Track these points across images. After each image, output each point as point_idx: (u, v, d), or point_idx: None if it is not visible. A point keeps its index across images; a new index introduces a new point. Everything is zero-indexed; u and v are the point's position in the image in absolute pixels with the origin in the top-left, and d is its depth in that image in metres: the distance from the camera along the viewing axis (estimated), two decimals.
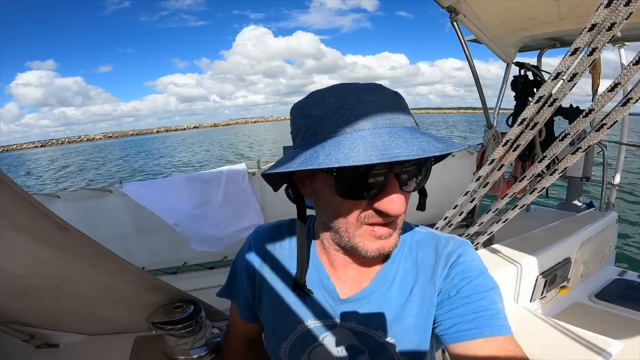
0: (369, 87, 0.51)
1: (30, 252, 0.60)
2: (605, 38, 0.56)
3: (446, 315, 0.57)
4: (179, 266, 2.74)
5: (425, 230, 0.66)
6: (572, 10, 1.71)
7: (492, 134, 2.41)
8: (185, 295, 0.88)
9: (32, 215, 0.51)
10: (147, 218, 2.50)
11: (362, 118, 0.47)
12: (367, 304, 0.60)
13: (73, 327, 1.01)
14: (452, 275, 0.58)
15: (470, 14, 1.85)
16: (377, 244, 0.53)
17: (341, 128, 0.47)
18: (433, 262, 0.60)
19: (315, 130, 0.49)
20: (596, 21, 0.56)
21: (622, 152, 2.63)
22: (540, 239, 1.89)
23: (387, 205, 0.49)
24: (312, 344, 0.63)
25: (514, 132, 0.76)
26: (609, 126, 0.59)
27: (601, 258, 2.26)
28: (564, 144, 0.71)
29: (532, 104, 0.70)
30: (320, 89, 0.53)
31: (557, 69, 0.64)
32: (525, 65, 2.39)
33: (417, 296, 0.59)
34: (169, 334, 0.83)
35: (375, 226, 0.52)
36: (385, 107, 0.48)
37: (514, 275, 1.65)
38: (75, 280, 0.74)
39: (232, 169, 2.64)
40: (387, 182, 0.48)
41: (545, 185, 0.77)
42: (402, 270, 0.61)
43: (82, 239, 0.59)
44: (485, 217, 0.95)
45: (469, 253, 0.60)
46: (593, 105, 0.60)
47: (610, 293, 2.02)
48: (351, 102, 0.48)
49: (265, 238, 0.70)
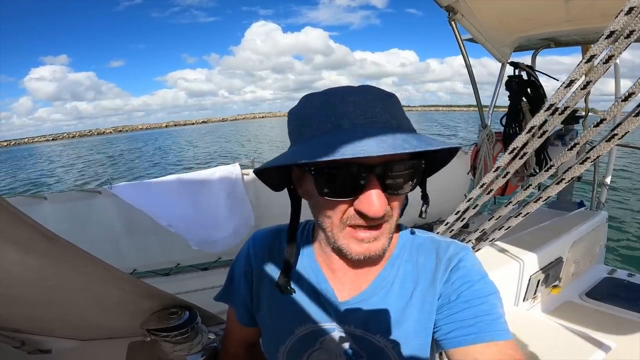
0: (357, 89, 0.51)
1: (18, 262, 0.58)
2: (623, 45, 0.55)
3: (446, 320, 0.56)
4: (172, 268, 2.70)
5: (425, 235, 0.65)
6: (572, 12, 1.71)
7: (486, 134, 2.42)
8: (179, 301, 0.86)
9: (17, 225, 0.49)
10: (137, 219, 2.45)
11: (343, 117, 0.47)
12: (366, 308, 0.59)
13: (65, 334, 0.99)
14: (452, 279, 0.58)
15: (469, 14, 1.84)
16: (361, 247, 0.52)
17: (322, 128, 0.48)
18: (434, 266, 0.60)
19: (302, 130, 0.51)
20: (615, 28, 0.55)
21: (612, 152, 2.66)
22: (533, 238, 1.91)
23: (365, 206, 0.47)
24: (310, 348, 0.62)
25: (521, 140, 0.76)
26: (620, 137, 0.59)
27: (591, 257, 2.29)
28: (572, 153, 0.70)
29: (543, 111, 0.69)
30: (312, 93, 0.54)
31: (571, 76, 0.63)
32: (519, 65, 2.40)
33: (417, 300, 0.58)
34: (165, 340, 0.82)
35: (358, 229, 0.51)
36: (368, 107, 0.48)
37: (507, 275, 1.66)
38: (66, 288, 0.72)
39: (225, 170, 2.60)
40: (367, 182, 0.47)
41: (551, 194, 0.77)
42: (402, 274, 0.60)
43: (70, 248, 0.57)
44: (487, 223, 0.95)
45: (470, 258, 0.60)
46: (605, 114, 0.59)
47: (601, 292, 2.05)
48: (335, 102, 0.48)
49: (263, 242, 0.70)
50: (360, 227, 0.51)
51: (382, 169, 0.47)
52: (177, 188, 2.47)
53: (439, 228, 1.04)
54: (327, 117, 0.48)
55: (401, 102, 0.54)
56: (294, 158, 0.47)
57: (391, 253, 0.62)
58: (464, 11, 1.81)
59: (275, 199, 3.07)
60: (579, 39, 2.30)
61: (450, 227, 0.99)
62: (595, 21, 1.73)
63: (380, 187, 0.48)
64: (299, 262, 0.65)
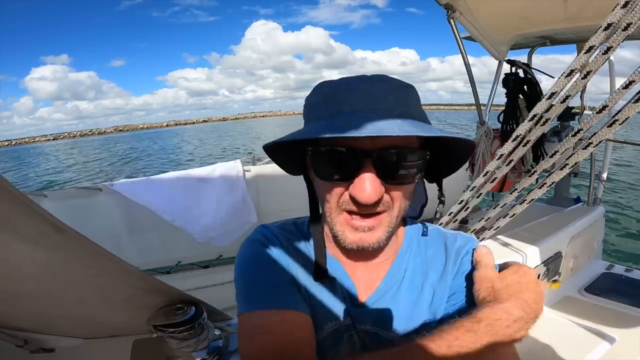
0: (370, 78, 0.50)
1: (26, 255, 0.57)
2: (620, 37, 0.56)
3: (451, 309, 0.56)
4: (173, 266, 2.68)
5: (431, 227, 0.65)
6: (569, 11, 1.73)
7: (484, 130, 2.44)
8: (185, 297, 0.86)
9: (28, 216, 0.49)
10: (139, 217, 2.44)
11: (344, 104, 0.47)
12: (379, 307, 0.59)
13: (68, 331, 0.98)
14: (462, 271, 0.58)
15: (467, 12, 1.86)
16: (355, 236, 0.50)
17: (325, 112, 0.48)
18: (443, 259, 0.60)
19: (310, 115, 0.51)
20: (612, 20, 0.56)
21: (609, 148, 2.68)
22: (532, 234, 1.92)
23: (357, 191, 0.46)
24: (336, 345, 0.59)
25: (524, 128, 0.76)
26: (621, 122, 0.60)
27: (589, 252, 2.31)
28: (575, 139, 0.71)
29: (544, 100, 0.70)
30: (326, 80, 0.53)
31: (571, 66, 0.64)
32: (516, 63, 2.41)
33: (428, 294, 0.58)
34: (171, 336, 0.81)
35: (354, 217, 0.49)
36: (376, 95, 0.47)
37: None
38: (71, 282, 0.72)
39: (226, 166, 2.59)
40: (362, 166, 0.46)
41: (555, 179, 0.78)
42: (412, 268, 0.60)
43: (79, 240, 0.57)
44: (492, 212, 0.96)
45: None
46: (606, 101, 0.60)
47: (600, 287, 2.06)
48: (342, 90, 0.48)
49: (280, 237, 0.62)
50: (356, 215, 0.49)
51: (381, 155, 0.46)
52: (178, 184, 2.45)
53: (442, 218, 1.04)
54: (330, 104, 0.48)
55: None
56: (281, 139, 0.47)
57: (399, 247, 0.61)
58: (462, 9, 1.82)
59: (276, 195, 3.04)
60: (574, 37, 2.32)
61: (455, 217, 1.00)
62: (592, 19, 1.75)
63: (376, 173, 0.46)
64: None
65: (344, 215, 0.50)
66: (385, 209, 0.50)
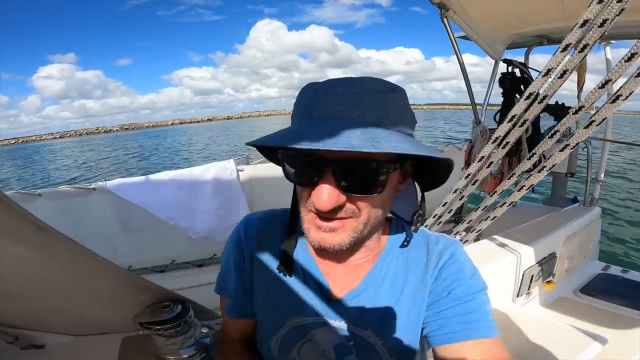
0: (352, 80, 0.48)
1: (9, 253, 0.57)
2: (596, 35, 0.55)
3: (435, 317, 0.57)
4: (167, 264, 2.70)
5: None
6: (565, 10, 1.73)
7: (480, 130, 2.44)
8: (172, 295, 0.86)
9: (8, 214, 0.49)
10: (132, 216, 2.45)
11: (316, 109, 0.47)
12: (357, 304, 0.59)
13: (58, 329, 0.99)
14: (443, 276, 0.58)
15: (460, 11, 1.85)
16: (318, 235, 0.51)
17: (299, 116, 0.49)
18: (424, 262, 0.60)
19: (292, 117, 0.52)
20: (588, 17, 0.55)
21: (606, 149, 2.68)
22: (527, 234, 1.92)
23: (314, 198, 0.47)
24: (301, 340, 0.62)
25: (502, 129, 0.76)
26: (598, 123, 0.59)
27: (585, 253, 2.30)
28: (553, 140, 0.71)
29: (522, 100, 0.69)
30: (312, 82, 0.53)
31: (548, 66, 0.63)
32: (512, 63, 2.41)
33: (407, 297, 0.59)
34: (157, 334, 0.82)
35: (318, 217, 0.50)
36: (345, 98, 0.46)
37: (501, 271, 1.67)
38: (58, 281, 0.72)
39: (220, 166, 2.61)
40: (321, 176, 0.46)
41: (533, 182, 0.77)
42: (394, 269, 0.60)
43: (61, 239, 0.57)
44: (474, 214, 0.96)
45: (460, 252, 0.61)
46: (583, 102, 0.60)
47: (595, 288, 2.06)
48: (318, 94, 0.48)
49: (257, 226, 0.67)
50: (318, 215, 0.50)
51: (342, 165, 0.45)
52: (171, 183, 2.47)
53: (427, 221, 1.05)
54: (305, 108, 0.48)
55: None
56: (254, 142, 0.48)
57: (382, 249, 0.62)
58: (455, 8, 1.82)
59: (269, 194, 3.06)
60: None
61: (438, 219, 1.00)
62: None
63: (335, 183, 0.46)
64: (295, 251, 0.63)
65: (310, 214, 0.51)
66: (351, 216, 0.50)
